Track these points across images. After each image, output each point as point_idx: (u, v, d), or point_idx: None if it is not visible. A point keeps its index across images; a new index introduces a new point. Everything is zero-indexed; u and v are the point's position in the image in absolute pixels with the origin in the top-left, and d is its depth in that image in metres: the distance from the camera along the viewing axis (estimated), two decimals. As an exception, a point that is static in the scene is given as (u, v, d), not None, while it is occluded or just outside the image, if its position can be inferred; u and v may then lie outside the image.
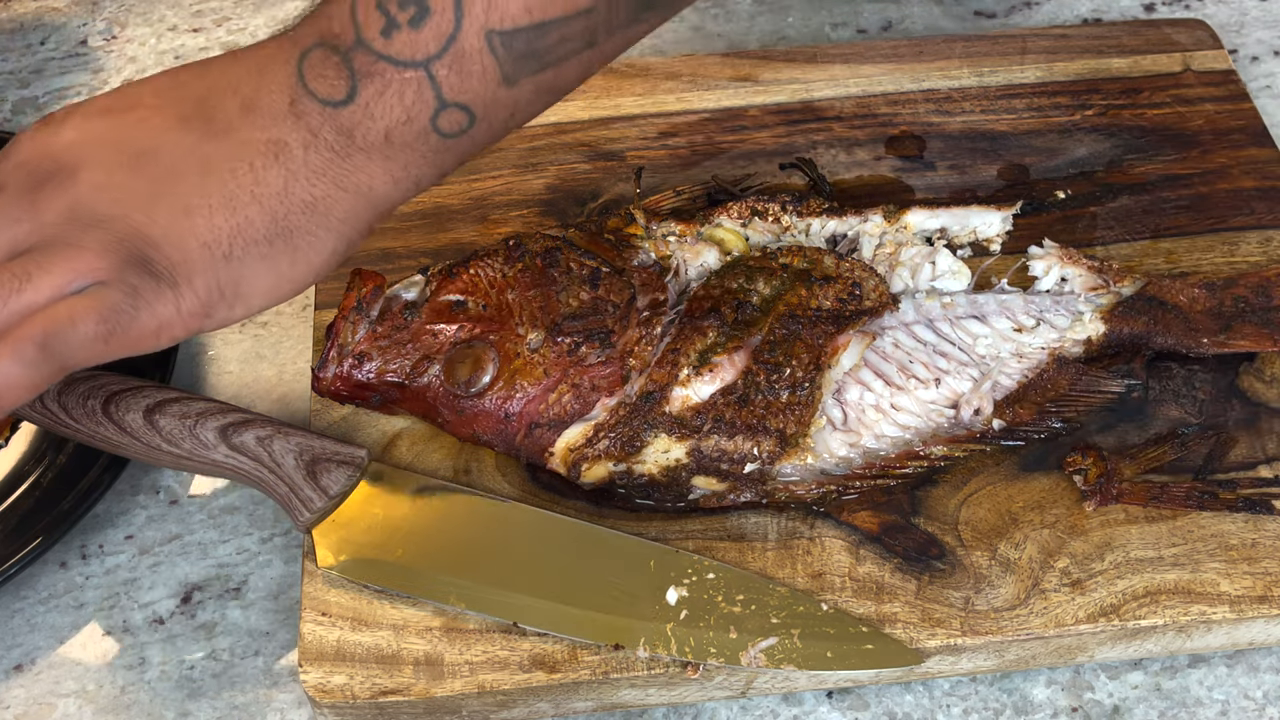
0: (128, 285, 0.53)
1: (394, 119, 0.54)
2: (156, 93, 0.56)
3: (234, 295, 0.55)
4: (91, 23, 0.90)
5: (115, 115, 0.55)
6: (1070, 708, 0.61)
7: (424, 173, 0.56)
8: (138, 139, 0.55)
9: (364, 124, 0.54)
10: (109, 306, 0.52)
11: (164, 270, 0.53)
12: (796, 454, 0.62)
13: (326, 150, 0.54)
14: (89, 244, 0.53)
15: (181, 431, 0.60)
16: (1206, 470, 0.64)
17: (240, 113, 0.55)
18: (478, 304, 0.64)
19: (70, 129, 0.55)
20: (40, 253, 0.53)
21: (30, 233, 0.53)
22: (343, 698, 0.58)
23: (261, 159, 0.54)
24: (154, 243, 0.53)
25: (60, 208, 0.54)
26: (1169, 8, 0.90)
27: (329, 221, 0.55)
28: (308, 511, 0.60)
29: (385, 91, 0.53)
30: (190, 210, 0.54)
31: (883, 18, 0.89)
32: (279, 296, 0.56)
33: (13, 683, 0.63)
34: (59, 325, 0.52)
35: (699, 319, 0.64)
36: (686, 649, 0.58)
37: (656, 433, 0.62)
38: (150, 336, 0.53)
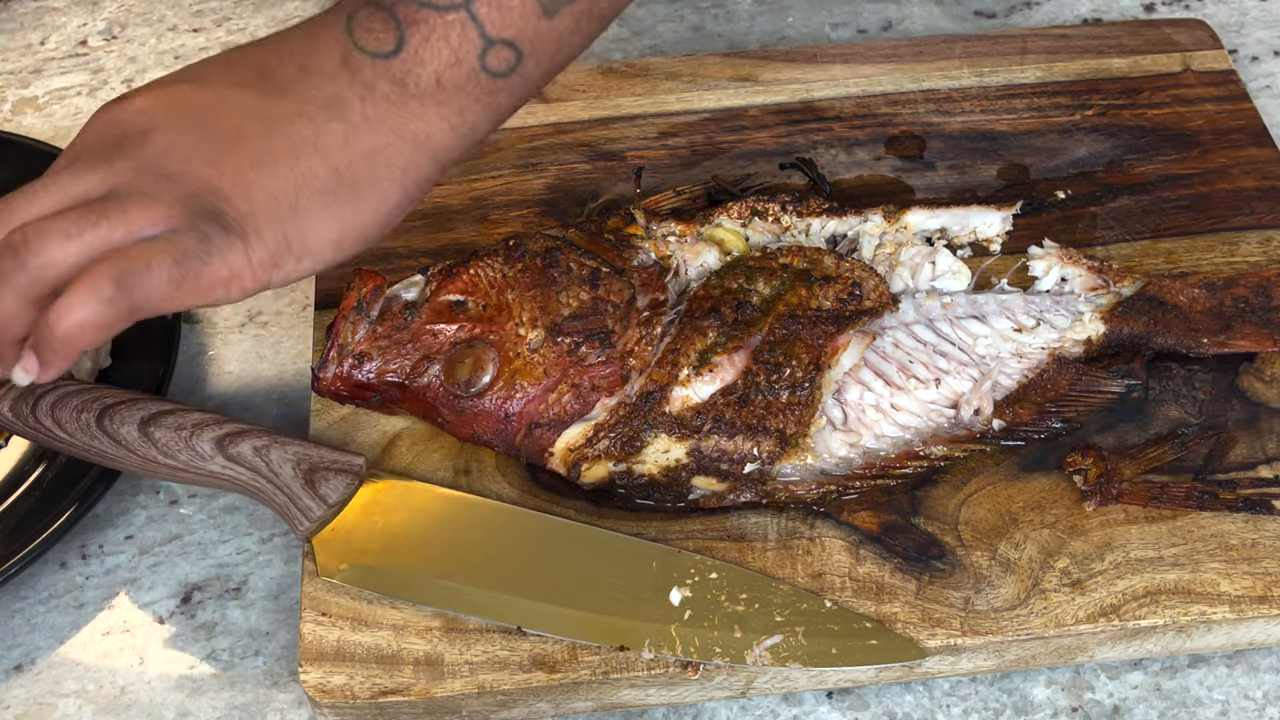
0: (200, 233, 0.54)
1: (443, 62, 0.56)
2: (219, 65, 0.59)
3: (301, 248, 0.56)
4: (91, 23, 0.90)
5: (181, 84, 0.58)
6: (1070, 708, 0.61)
7: (480, 118, 0.58)
8: (203, 103, 0.57)
9: (414, 71, 0.56)
10: (182, 251, 0.54)
11: (233, 221, 0.55)
12: (796, 454, 0.62)
13: (382, 101, 0.56)
14: (162, 194, 0.55)
15: (178, 444, 0.60)
16: (1206, 470, 0.64)
17: (297, 74, 0.57)
18: (478, 304, 0.64)
19: (140, 99, 0.57)
20: (115, 198, 0.54)
21: (103, 182, 0.55)
22: (343, 698, 0.58)
23: (322, 113, 0.56)
24: (223, 194, 0.55)
25: (133, 164, 0.55)
26: (1169, 8, 0.90)
27: (391, 171, 0.57)
28: (307, 520, 0.60)
29: (431, 36, 0.55)
30: (257, 163, 0.56)
31: (883, 18, 0.89)
32: (345, 250, 0.57)
33: (13, 683, 0.63)
34: (135, 265, 0.53)
35: (699, 319, 0.64)
36: (691, 649, 0.58)
37: (656, 433, 0.62)
38: (221, 285, 0.55)
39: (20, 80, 0.86)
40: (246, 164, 0.56)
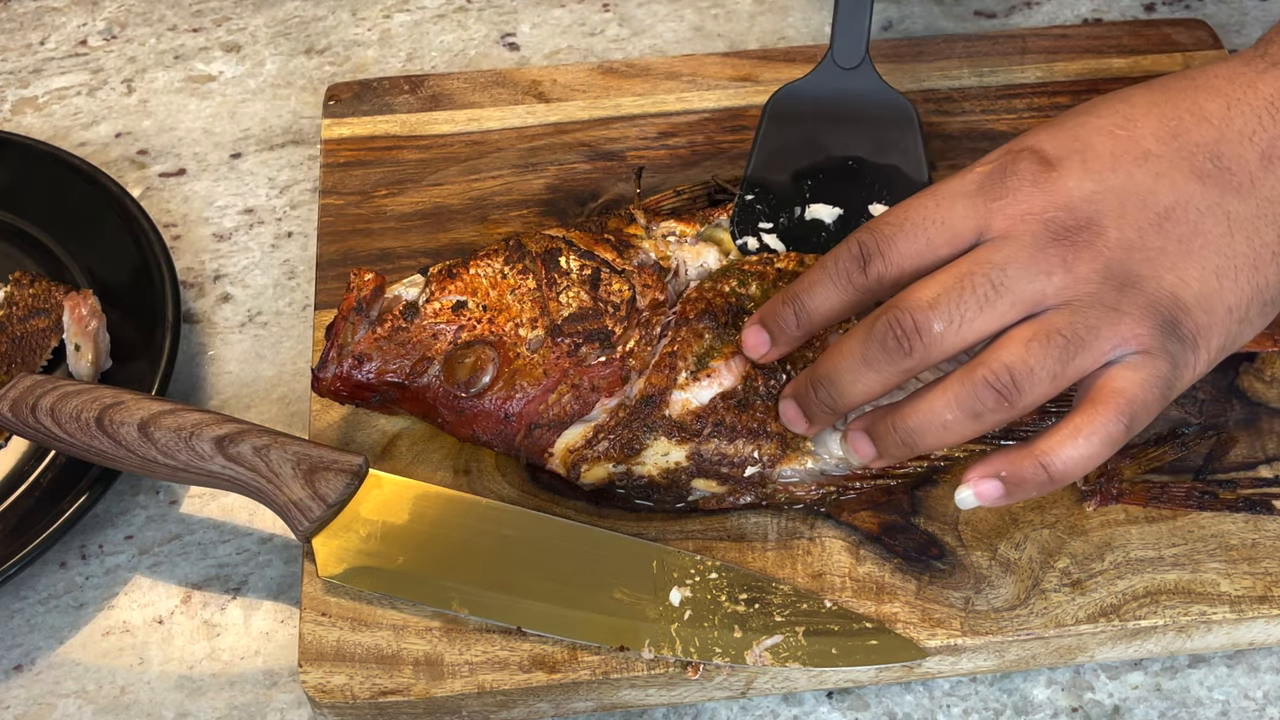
0: (1168, 354, 0.52)
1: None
2: (1158, 137, 0.54)
3: (1223, 353, 0.54)
4: (91, 23, 0.90)
5: (1127, 165, 0.53)
6: (1070, 708, 0.61)
7: None
8: (1160, 195, 0.53)
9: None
10: (1161, 379, 0.52)
11: (1189, 334, 0.53)
12: (797, 457, 0.62)
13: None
14: (1127, 308, 0.52)
15: (177, 444, 0.60)
16: (1206, 470, 0.64)
17: (1260, 164, 0.53)
18: (478, 304, 0.64)
19: (1082, 180, 0.53)
20: (1080, 314, 0.52)
21: (1063, 288, 0.52)
22: (343, 698, 0.58)
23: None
24: (1185, 306, 0.52)
25: (1094, 266, 0.52)
26: (1169, 8, 0.90)
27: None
28: (307, 520, 0.60)
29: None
30: (1219, 272, 0.52)
31: (883, 18, 0.89)
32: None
33: (13, 683, 0.63)
34: (1137, 400, 0.51)
35: (694, 321, 0.64)
36: (691, 649, 0.58)
37: (656, 436, 0.62)
38: (1166, 403, 0.53)
39: (20, 80, 0.86)
40: (1210, 272, 0.52)
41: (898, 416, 0.55)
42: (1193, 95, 0.55)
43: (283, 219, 0.79)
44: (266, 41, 0.88)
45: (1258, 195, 0.53)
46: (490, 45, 0.88)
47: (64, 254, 0.74)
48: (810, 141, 0.71)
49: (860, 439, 0.57)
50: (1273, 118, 0.54)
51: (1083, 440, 0.52)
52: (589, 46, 0.87)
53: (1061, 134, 0.55)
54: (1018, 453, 0.53)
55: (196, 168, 0.82)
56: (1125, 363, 0.52)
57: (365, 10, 0.90)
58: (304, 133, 0.83)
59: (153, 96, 0.85)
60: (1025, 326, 0.52)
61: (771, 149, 0.71)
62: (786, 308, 0.58)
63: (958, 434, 0.53)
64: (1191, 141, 0.54)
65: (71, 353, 0.69)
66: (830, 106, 0.71)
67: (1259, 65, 0.55)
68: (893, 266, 0.54)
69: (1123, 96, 0.56)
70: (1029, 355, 0.52)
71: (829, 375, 0.56)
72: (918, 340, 0.52)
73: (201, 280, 0.77)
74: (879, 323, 0.53)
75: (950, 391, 0.53)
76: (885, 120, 0.71)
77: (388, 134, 0.77)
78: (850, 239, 0.56)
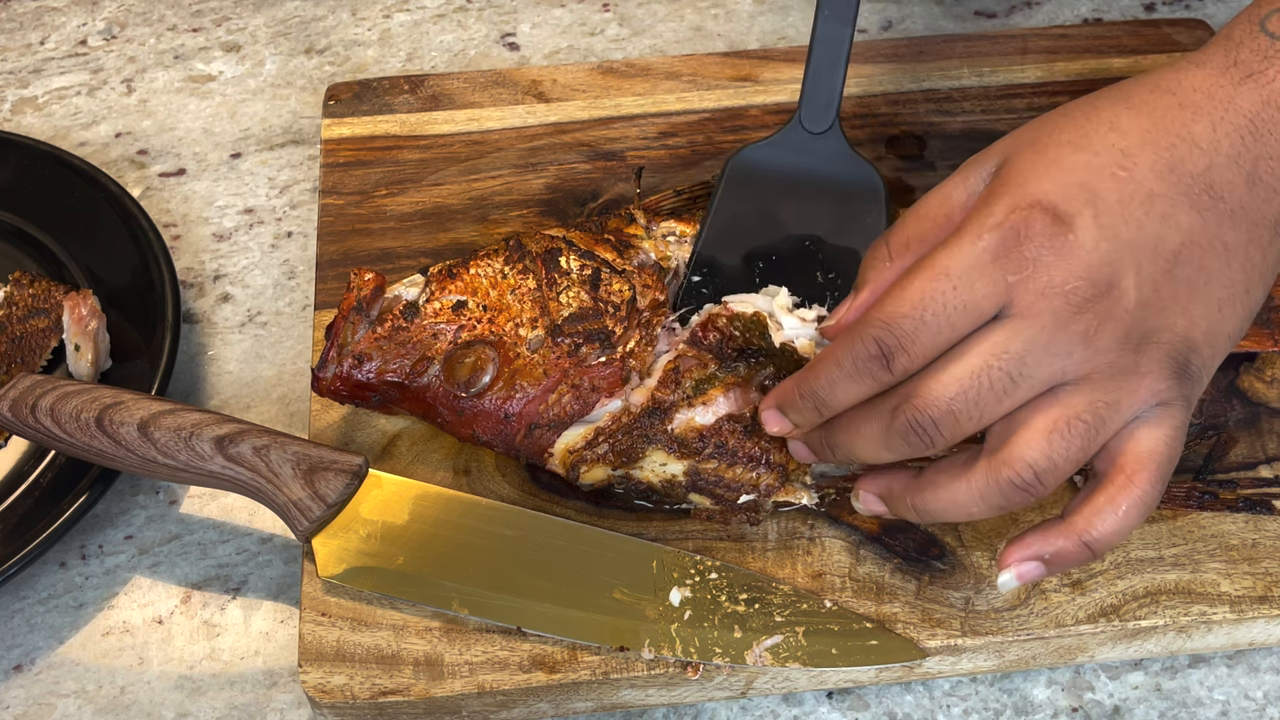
0: (1184, 399, 0.53)
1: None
2: (1158, 173, 0.53)
3: (1210, 377, 0.55)
4: (91, 23, 0.90)
5: (1135, 213, 0.52)
6: (1070, 708, 0.61)
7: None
8: (1168, 240, 0.52)
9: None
10: (1181, 426, 0.53)
11: (1197, 371, 0.53)
12: (794, 491, 0.62)
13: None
14: (1146, 367, 0.52)
15: (177, 444, 0.60)
16: (1206, 470, 0.64)
17: (1246, 189, 0.53)
18: (478, 304, 0.64)
19: (1094, 235, 0.52)
20: (1099, 390, 0.52)
21: (1082, 363, 0.52)
22: (343, 698, 0.58)
23: (1266, 234, 0.53)
24: (1195, 346, 0.53)
25: (1114, 335, 0.52)
26: (1169, 8, 0.90)
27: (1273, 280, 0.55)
28: (306, 520, 0.60)
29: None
30: (1221, 304, 0.53)
31: (883, 18, 0.89)
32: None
33: (13, 683, 0.63)
34: (1167, 459, 0.52)
35: (705, 347, 0.63)
36: (691, 649, 0.58)
37: (655, 447, 0.62)
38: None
39: (20, 80, 0.86)
40: (1213, 307, 0.53)
41: (918, 496, 0.55)
42: (1179, 117, 0.54)
43: (283, 219, 0.79)
44: (266, 41, 0.88)
45: (1247, 219, 0.53)
46: (490, 45, 0.88)
47: (64, 254, 0.74)
48: (767, 215, 0.67)
49: (873, 501, 0.58)
50: (1255, 138, 0.54)
51: (1122, 513, 0.52)
52: (589, 46, 0.87)
53: (1066, 181, 0.53)
54: (1056, 532, 0.53)
55: (196, 168, 0.82)
56: (1147, 420, 0.52)
57: (365, 10, 0.90)
58: (304, 133, 0.83)
59: (153, 96, 0.85)
60: (1044, 414, 0.52)
61: (726, 219, 0.67)
62: (806, 401, 0.56)
63: (980, 517, 0.54)
64: (1188, 173, 0.53)
65: (71, 353, 0.69)
66: (793, 174, 0.67)
67: (1234, 75, 0.55)
68: (918, 360, 0.53)
69: (1111, 124, 0.55)
70: (1052, 450, 0.51)
71: (845, 446, 0.56)
72: (938, 434, 0.52)
73: (201, 280, 0.77)
74: (899, 419, 0.53)
75: (974, 485, 0.53)
76: (851, 194, 0.67)
77: (387, 134, 0.77)
78: (865, 334, 0.53)
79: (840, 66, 0.67)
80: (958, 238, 0.53)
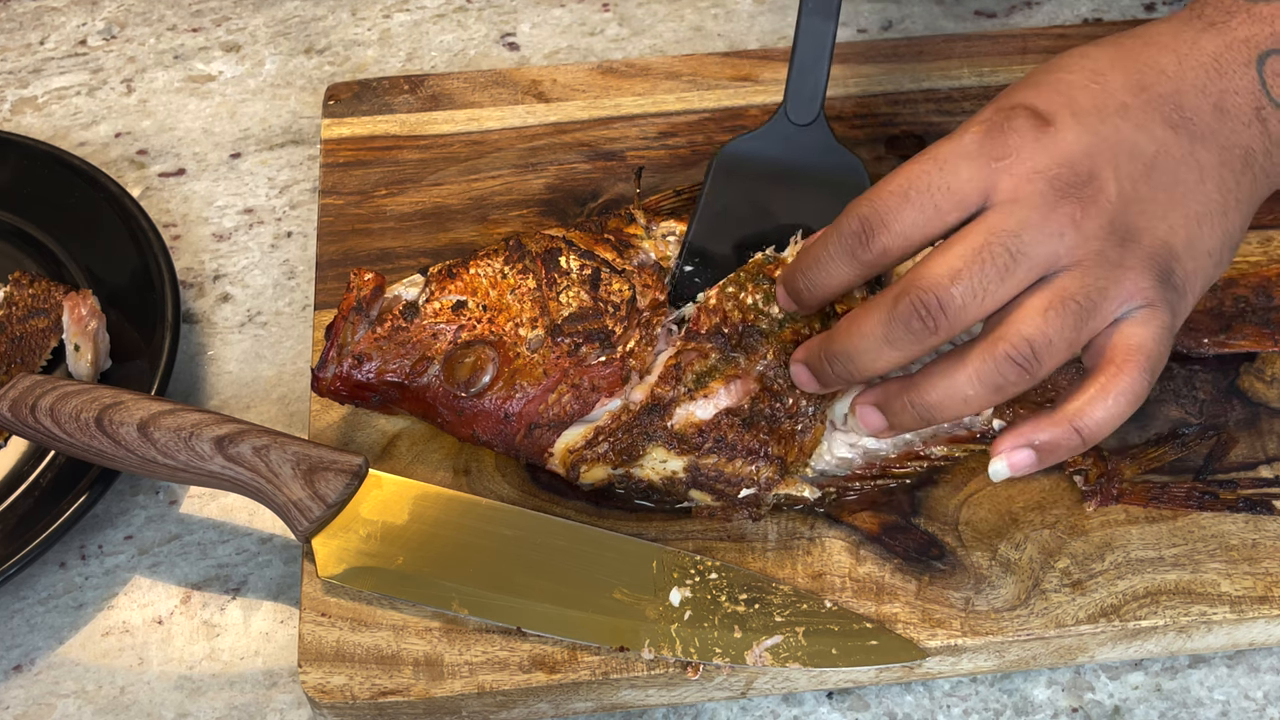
0: (1168, 304, 0.54)
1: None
2: (1129, 89, 0.56)
3: (1200, 296, 0.56)
4: (91, 23, 0.90)
5: (1111, 117, 0.55)
6: (1071, 708, 0.61)
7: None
8: (1143, 146, 0.54)
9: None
10: (1167, 328, 0.53)
11: (1180, 282, 0.54)
12: (794, 483, 0.62)
13: (1278, 156, 0.56)
14: (1129, 263, 0.53)
15: (177, 444, 0.60)
16: (1206, 470, 0.64)
17: (1215, 117, 0.55)
18: (478, 304, 0.64)
19: (1075, 130, 0.54)
20: (1089, 275, 0.53)
21: (1073, 248, 0.53)
22: (342, 698, 0.58)
23: (1239, 163, 0.55)
24: (1176, 254, 0.54)
25: (1100, 223, 0.53)
26: (1169, 7, 0.90)
27: (1248, 221, 0.57)
28: (306, 520, 0.60)
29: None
30: (1199, 219, 0.54)
31: (883, 18, 0.89)
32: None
33: (12, 683, 0.63)
34: (1154, 354, 0.53)
35: (704, 337, 0.63)
36: (691, 649, 0.58)
37: (655, 444, 0.62)
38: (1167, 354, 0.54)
39: (20, 80, 0.86)
40: (1193, 219, 0.54)
41: (915, 392, 0.55)
42: (1146, 51, 0.57)
43: (282, 219, 0.79)
44: (266, 41, 0.88)
45: (1217, 144, 0.55)
46: (490, 45, 0.88)
47: (64, 254, 0.74)
48: (756, 205, 0.68)
49: (871, 413, 0.58)
50: (1219, 73, 0.56)
51: (1111, 400, 0.53)
52: (589, 46, 0.87)
53: (1045, 90, 0.56)
54: (1048, 419, 0.54)
55: (196, 168, 0.82)
56: (1133, 318, 0.53)
57: (365, 10, 0.90)
58: (304, 133, 0.83)
59: (152, 96, 0.85)
60: (1039, 295, 0.53)
61: (715, 211, 0.68)
62: (798, 282, 0.58)
63: (978, 407, 0.54)
64: (1157, 93, 0.56)
65: (71, 353, 0.69)
66: (780, 166, 0.69)
67: (1197, 25, 0.58)
68: (898, 238, 0.54)
69: (1082, 53, 0.58)
70: (1047, 326, 0.52)
71: (847, 352, 0.56)
72: (942, 318, 0.53)
73: (201, 280, 0.77)
74: (902, 304, 0.53)
75: (971, 366, 0.53)
76: (837, 184, 0.68)
77: (387, 134, 0.77)
78: (849, 212, 0.55)
79: (824, 59, 0.68)
80: (948, 135, 0.56)
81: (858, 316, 0.55)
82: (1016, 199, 0.53)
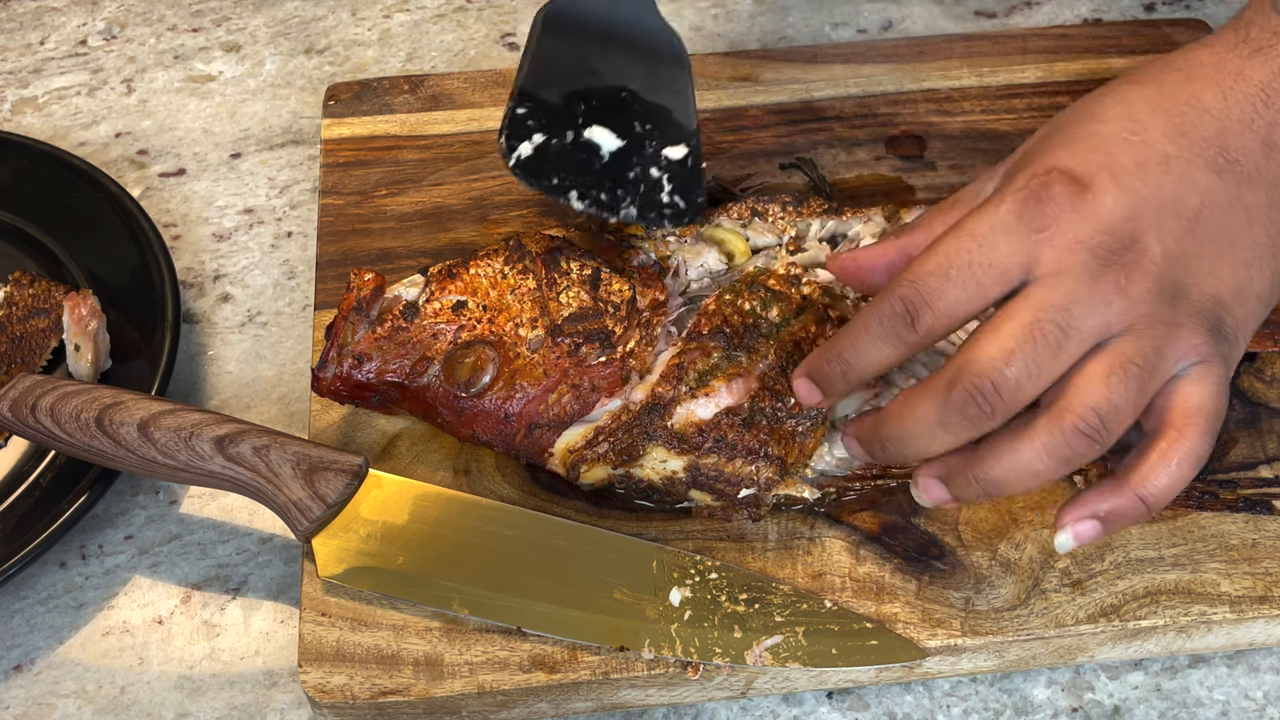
0: (1221, 357, 0.53)
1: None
2: (1169, 137, 0.54)
3: (1247, 342, 0.55)
4: (91, 23, 0.90)
5: (1153, 173, 0.53)
6: (1070, 708, 0.61)
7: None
8: (1187, 199, 0.53)
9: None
10: (1223, 383, 0.53)
11: (1231, 332, 0.54)
12: (794, 484, 0.62)
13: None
14: (1182, 320, 0.52)
15: (177, 444, 0.60)
16: (1206, 470, 0.64)
17: (1262, 153, 0.54)
18: (478, 304, 0.64)
19: (1114, 193, 0.53)
20: (1144, 338, 0.52)
21: (1123, 314, 0.52)
22: (343, 698, 0.58)
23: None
24: (1225, 305, 0.53)
25: (1146, 286, 0.52)
26: (1169, 8, 0.90)
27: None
28: (306, 520, 0.60)
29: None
30: (1248, 264, 0.54)
31: (883, 18, 0.89)
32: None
33: (12, 683, 0.63)
34: (1213, 413, 0.52)
35: (706, 338, 0.63)
36: (691, 649, 0.58)
37: (655, 444, 0.62)
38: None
39: (20, 80, 0.86)
40: (1240, 267, 0.53)
41: (980, 468, 0.54)
42: (1188, 88, 0.55)
43: (283, 219, 0.79)
44: (266, 41, 0.88)
45: (1265, 183, 0.54)
46: (490, 45, 0.88)
47: (64, 254, 0.74)
48: (582, 63, 0.68)
49: (935, 486, 0.56)
50: (1266, 104, 0.55)
51: (1175, 466, 0.52)
52: (589, 46, 0.87)
53: (1081, 148, 0.54)
54: (1111, 489, 0.53)
55: (196, 168, 0.82)
56: (1189, 376, 0.53)
57: (365, 10, 0.90)
58: (304, 133, 0.83)
59: (152, 96, 0.85)
60: (1097, 362, 0.52)
61: (544, 63, 0.68)
62: (833, 367, 0.56)
63: (1047, 480, 0.53)
64: (1200, 137, 0.54)
65: (71, 353, 0.69)
66: (604, 30, 0.69)
67: (1243, 51, 0.56)
68: (944, 318, 0.53)
69: (1119, 98, 0.56)
70: (1111, 393, 0.51)
71: (900, 437, 0.54)
72: (999, 402, 0.52)
73: (201, 280, 0.77)
74: (956, 390, 0.52)
75: (1039, 441, 0.52)
76: (658, 55, 0.69)
77: (387, 134, 0.77)
78: (892, 295, 0.53)
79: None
80: (982, 205, 0.54)
81: (910, 401, 0.54)
82: (1060, 271, 0.52)
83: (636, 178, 0.66)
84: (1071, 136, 0.55)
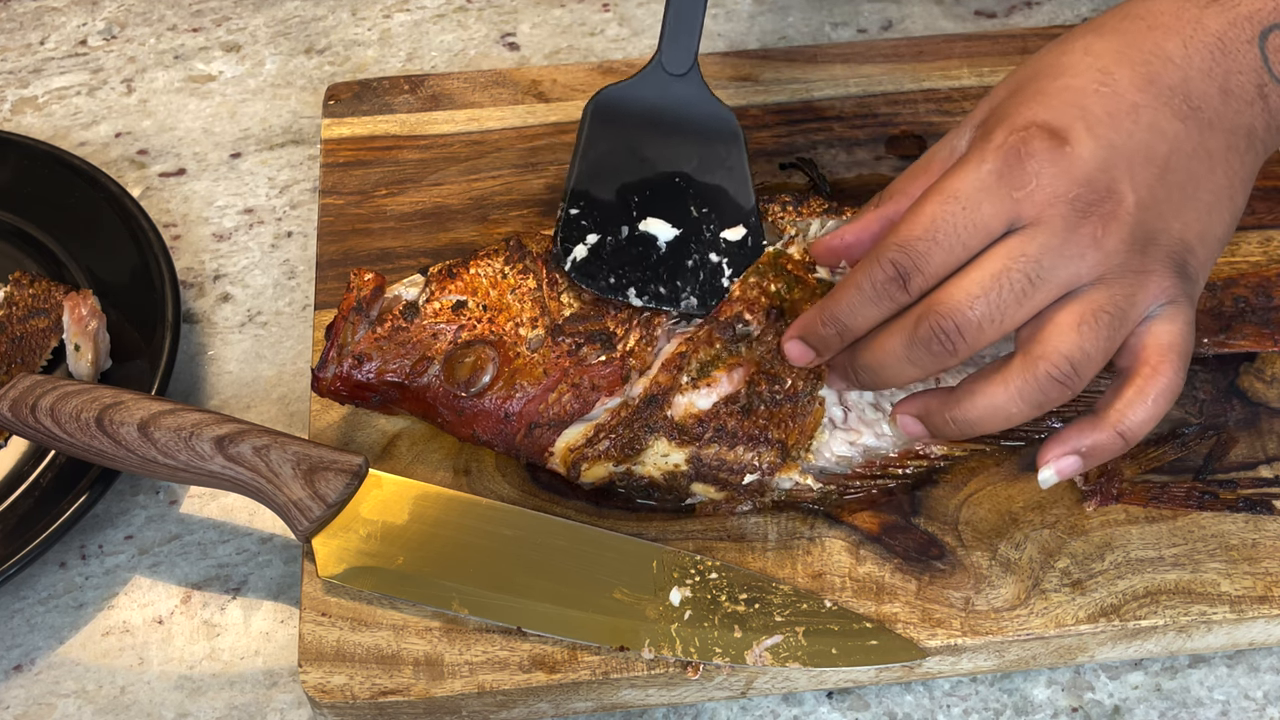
0: (1187, 296, 0.56)
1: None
2: (1137, 86, 0.56)
3: (1205, 280, 0.57)
4: (91, 23, 0.90)
5: (1124, 122, 0.55)
6: (1070, 708, 0.61)
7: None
8: (1156, 146, 0.55)
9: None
10: (1190, 321, 0.56)
11: (1194, 272, 0.56)
12: (796, 467, 0.62)
13: (1276, 131, 0.57)
14: (1152, 266, 0.55)
15: (177, 444, 0.60)
16: (1206, 470, 0.64)
17: (1220, 99, 0.56)
18: (478, 304, 0.64)
19: (1090, 145, 0.55)
20: (1115, 286, 0.54)
21: (1096, 265, 0.54)
22: (343, 698, 0.58)
23: (1243, 144, 0.57)
24: (1191, 248, 0.56)
25: (1121, 237, 0.54)
26: (1169, 8, 0.90)
27: (1249, 192, 0.58)
28: (306, 520, 0.60)
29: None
30: (1210, 208, 0.56)
31: (883, 18, 0.89)
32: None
33: (12, 683, 0.63)
34: (1184, 349, 0.55)
35: (722, 325, 0.63)
36: (691, 649, 0.58)
37: (657, 436, 0.62)
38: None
39: (20, 80, 0.86)
40: (1204, 210, 0.56)
41: (957, 409, 0.56)
42: (1150, 37, 0.57)
43: (283, 219, 0.79)
44: (266, 41, 0.88)
45: (1223, 128, 0.56)
46: (490, 45, 0.88)
47: (64, 254, 0.74)
48: (634, 153, 0.68)
49: (912, 422, 0.59)
50: (1224, 53, 0.57)
51: (1151, 401, 0.55)
52: (589, 46, 0.87)
53: (1055, 101, 0.56)
54: (1090, 425, 0.56)
55: (196, 168, 0.82)
56: (1160, 316, 0.55)
57: (365, 10, 0.90)
58: (304, 132, 0.83)
59: (152, 96, 0.85)
60: (1069, 310, 0.54)
61: (595, 158, 0.68)
62: (828, 328, 0.59)
63: (1020, 422, 0.56)
64: (1166, 85, 0.56)
65: (71, 353, 0.69)
66: (655, 115, 0.68)
67: (1200, 1, 0.58)
68: (933, 278, 0.55)
69: (1086, 48, 0.58)
70: (1083, 340, 0.54)
71: (871, 366, 0.58)
72: (961, 341, 0.54)
73: (201, 280, 0.77)
74: (922, 327, 0.55)
75: (1013, 385, 0.55)
76: (711, 135, 0.68)
77: (387, 134, 0.77)
78: (882, 258, 0.56)
79: (699, 10, 0.68)
80: (963, 163, 0.56)
81: (882, 335, 0.57)
82: (1039, 223, 0.54)
83: (695, 265, 0.65)
84: (1043, 90, 0.57)
